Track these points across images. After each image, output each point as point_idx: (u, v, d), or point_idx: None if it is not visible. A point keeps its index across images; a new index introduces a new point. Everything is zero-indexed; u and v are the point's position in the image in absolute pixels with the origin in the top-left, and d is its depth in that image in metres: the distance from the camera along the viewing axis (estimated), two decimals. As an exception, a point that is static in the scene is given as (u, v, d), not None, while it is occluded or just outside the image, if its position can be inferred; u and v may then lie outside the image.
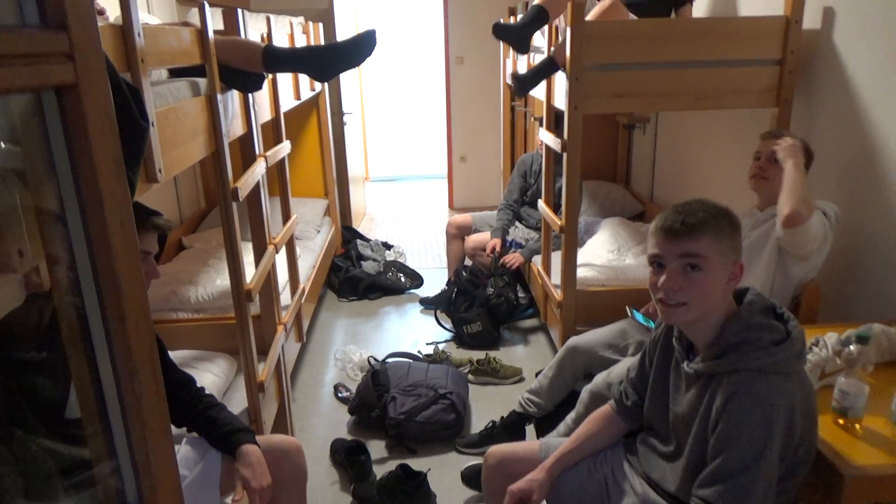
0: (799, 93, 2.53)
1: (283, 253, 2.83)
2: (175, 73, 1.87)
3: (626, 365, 2.17)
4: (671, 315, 1.31)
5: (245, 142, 2.26)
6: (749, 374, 1.22)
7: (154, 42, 1.44)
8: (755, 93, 2.53)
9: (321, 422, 2.83)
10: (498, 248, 3.63)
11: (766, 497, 1.19)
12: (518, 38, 2.63)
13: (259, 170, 2.26)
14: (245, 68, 1.96)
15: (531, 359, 3.31)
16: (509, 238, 3.73)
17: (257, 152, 2.30)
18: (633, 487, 1.49)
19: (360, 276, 4.21)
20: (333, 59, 1.93)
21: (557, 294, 2.86)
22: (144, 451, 0.62)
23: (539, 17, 2.62)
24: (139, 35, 1.30)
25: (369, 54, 1.98)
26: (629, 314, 2.36)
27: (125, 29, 1.27)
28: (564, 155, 2.62)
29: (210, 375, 2.21)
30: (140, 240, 1.47)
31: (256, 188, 2.28)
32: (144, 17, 1.90)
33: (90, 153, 0.53)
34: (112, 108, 0.59)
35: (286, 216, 2.86)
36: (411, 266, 4.45)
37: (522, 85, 2.71)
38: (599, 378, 2.19)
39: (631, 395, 1.56)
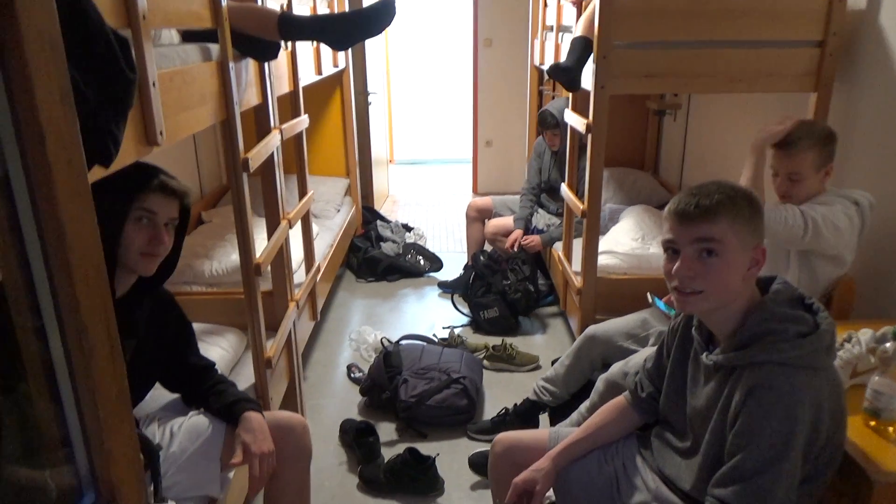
0: (840, 77, 2.40)
1: (298, 230, 2.79)
2: (187, 38, 1.82)
3: (643, 355, 2.08)
4: (686, 304, 1.22)
5: (260, 113, 2.21)
6: (772, 367, 1.13)
7: (159, 0, 1.39)
8: (793, 76, 2.41)
9: (332, 401, 2.79)
10: (519, 242, 3.55)
11: (787, 499, 1.11)
12: (572, 80, 2.56)
13: (273, 142, 2.21)
14: (260, 35, 1.90)
15: (548, 346, 3.23)
16: (537, 226, 3.64)
17: (272, 125, 2.25)
18: (645, 483, 1.41)
19: (379, 257, 4.16)
20: (351, 27, 1.86)
21: (577, 281, 2.77)
22: (96, 419, 0.57)
23: (586, 50, 2.52)
24: (141, -11, 1.24)
25: (389, 23, 1.90)
26: (650, 301, 2.27)
27: (126, -19, 1.21)
28: (589, 137, 2.52)
29: (218, 349, 2.18)
30: (144, 199, 1.42)
31: (270, 161, 2.23)
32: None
33: (28, 80, 0.48)
34: (58, 33, 0.53)
35: (302, 193, 2.81)
36: (431, 249, 4.39)
37: (571, 77, 2.58)
38: (616, 367, 2.12)
39: (646, 386, 1.48)
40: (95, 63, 0.88)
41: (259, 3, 2.05)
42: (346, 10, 4.06)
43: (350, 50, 4.41)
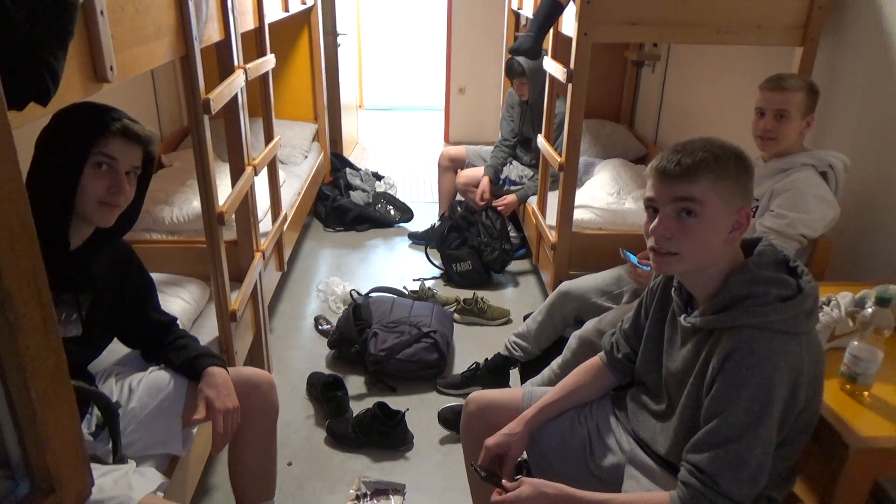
0: (826, 32, 2.34)
1: (264, 177, 2.67)
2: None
3: (618, 313, 2.06)
4: (662, 265, 1.17)
5: (222, 50, 2.06)
6: (751, 331, 1.10)
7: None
8: (781, 29, 2.34)
9: (299, 354, 2.73)
10: (487, 193, 3.48)
11: (763, 465, 1.09)
12: (535, 55, 2.46)
13: (237, 82, 2.07)
14: None
15: (520, 301, 3.20)
16: (502, 175, 3.56)
17: (236, 63, 2.11)
18: (619, 445, 1.39)
19: (347, 206, 4.05)
20: None
21: (552, 236, 2.72)
22: (27, 399, 0.49)
23: (553, 12, 2.40)
24: None
25: None
26: (623, 256, 2.23)
27: None
28: (569, 86, 2.43)
29: (180, 301, 2.09)
30: (104, 143, 1.30)
31: (234, 102, 2.09)
32: None
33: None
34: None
35: (269, 137, 2.67)
36: (402, 199, 4.29)
37: (531, 53, 2.49)
38: (590, 324, 2.09)
39: (623, 346, 1.44)
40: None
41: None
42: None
43: (319, -14, 4.18)
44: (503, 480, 1.27)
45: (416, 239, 3.83)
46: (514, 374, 2.47)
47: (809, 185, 1.89)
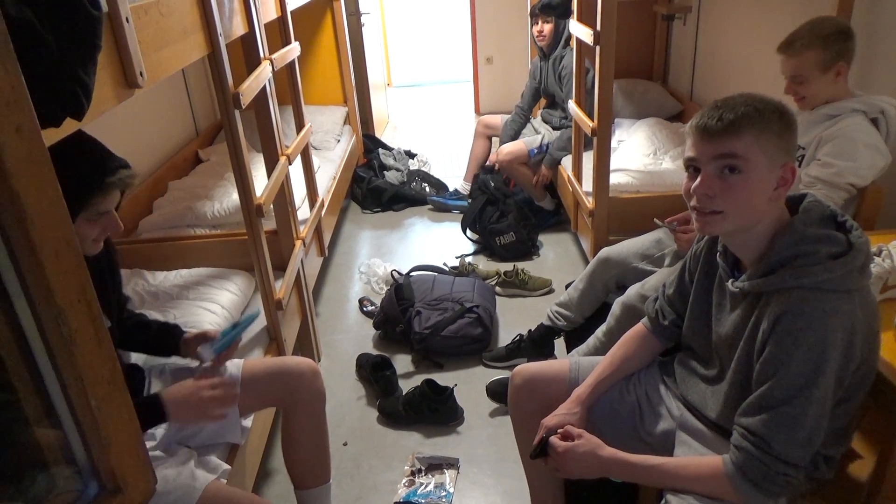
0: (866, -34, 2.22)
1: (298, 164, 2.70)
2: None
3: (660, 277, 2.03)
4: (706, 224, 1.14)
5: (247, 43, 2.08)
6: (803, 292, 1.07)
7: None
8: (816, -33, 2.23)
9: (346, 337, 2.78)
10: (546, 178, 3.47)
11: (819, 426, 1.07)
12: (564, 12, 2.39)
13: (265, 74, 2.09)
14: None
15: (561, 269, 3.19)
16: (544, 142, 3.52)
17: (262, 55, 2.12)
18: (669, 411, 1.38)
19: (383, 186, 4.07)
20: None
21: (589, 202, 2.69)
22: (88, 409, 0.52)
23: None
24: (100, -88, 1.11)
25: None
26: (658, 224, 2.19)
27: None
28: (597, 49, 2.38)
29: (228, 294, 2.15)
30: (98, 202, 1.25)
31: (263, 94, 2.11)
32: None
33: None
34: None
35: (300, 125, 2.70)
36: (436, 175, 4.29)
37: (562, 8, 2.44)
38: (633, 290, 2.07)
39: (668, 313, 1.43)
40: (53, 1, 0.78)
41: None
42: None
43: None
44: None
45: (438, 202, 3.93)
46: (559, 343, 2.47)
47: (859, 133, 1.82)
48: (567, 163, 3.23)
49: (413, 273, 2.92)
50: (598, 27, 2.34)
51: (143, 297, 2.09)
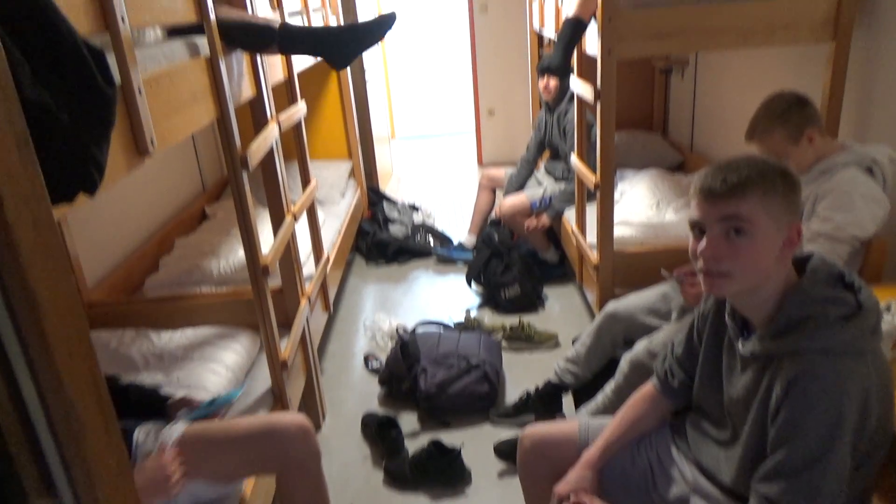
0: (859, 24, 2.28)
1: (304, 221, 2.72)
2: (172, 33, 1.73)
3: (668, 332, 2.02)
4: (714, 286, 1.14)
5: (255, 105, 2.12)
6: (814, 355, 1.06)
7: (137, -1, 1.30)
8: (810, 26, 2.28)
9: (351, 394, 2.75)
10: (544, 225, 3.48)
11: (838, 492, 1.05)
12: (564, 74, 2.48)
13: (272, 135, 2.13)
14: (257, 50, 1.85)
15: (566, 322, 3.17)
16: (546, 195, 3.55)
17: (269, 116, 2.17)
18: (682, 474, 1.35)
19: (387, 239, 4.09)
20: (352, 42, 1.81)
21: (593, 255, 2.69)
22: (93, 500, 0.51)
23: (574, 36, 2.41)
24: (116, -10, 1.15)
25: (388, 31, 1.84)
26: (665, 276, 2.18)
27: (99, -18, 1.12)
28: (598, 105, 2.42)
29: (232, 354, 2.13)
30: None
31: (270, 154, 2.15)
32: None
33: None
34: (7, 75, 0.46)
35: (305, 181, 2.73)
36: (440, 227, 4.31)
37: (561, 73, 2.51)
38: (640, 346, 2.05)
39: (677, 373, 1.41)
40: (68, 81, 0.80)
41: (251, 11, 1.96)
42: (339, 3, 3.99)
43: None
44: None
45: (443, 255, 3.94)
46: (568, 399, 2.44)
47: (855, 185, 1.83)
48: (571, 215, 3.24)
49: (418, 329, 2.91)
50: (599, 84, 2.38)
51: (148, 359, 2.07)
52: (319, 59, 1.96)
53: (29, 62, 0.74)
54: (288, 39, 1.83)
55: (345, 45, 1.83)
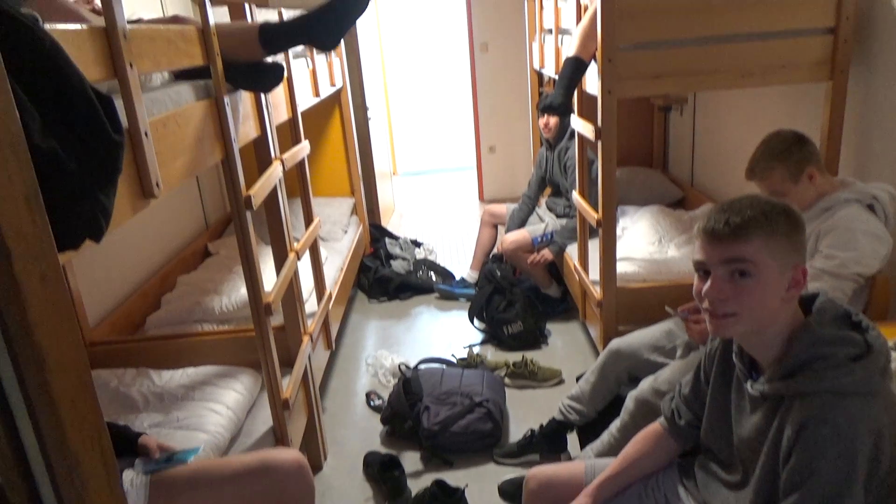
0: (856, 64, 2.31)
1: (307, 259, 2.72)
2: (179, 76, 1.76)
3: (673, 369, 2.00)
4: (719, 327, 1.14)
5: (259, 145, 2.15)
6: (824, 397, 1.04)
7: (145, 43, 1.32)
8: (807, 66, 2.32)
9: (353, 433, 2.71)
10: (541, 256, 3.48)
11: (853, 535, 1.03)
12: (565, 112, 2.51)
13: (275, 174, 2.14)
14: (243, 56, 1.79)
15: (570, 359, 3.14)
16: (548, 231, 3.56)
17: (273, 155, 2.19)
18: (692, 518, 1.33)
19: (389, 275, 4.09)
20: (336, 18, 1.73)
21: (596, 292, 2.69)
22: (95, 557, 0.50)
23: (575, 75, 2.46)
24: (125, 36, 1.17)
25: (368, 2, 1.79)
26: (671, 313, 2.18)
27: (108, 29, 1.14)
28: (599, 143, 2.44)
29: (234, 394, 2.11)
30: None
31: (273, 193, 2.16)
32: (147, 15, 1.78)
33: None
34: (19, 130, 0.46)
35: (308, 220, 2.74)
36: (442, 263, 4.31)
37: (563, 111, 2.54)
38: (646, 384, 2.03)
39: (684, 413, 1.39)
40: (77, 129, 0.81)
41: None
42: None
43: (346, 68, 4.35)
44: None
45: (444, 291, 3.93)
46: (572, 437, 2.40)
47: (857, 222, 1.83)
48: (573, 251, 3.25)
49: (421, 366, 2.89)
50: (600, 123, 2.41)
51: (149, 399, 2.05)
52: (309, 46, 1.87)
53: (39, 111, 0.75)
54: (270, 36, 1.75)
55: (330, 24, 1.74)
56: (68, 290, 0.59)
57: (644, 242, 3.06)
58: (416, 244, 4.65)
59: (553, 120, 3.49)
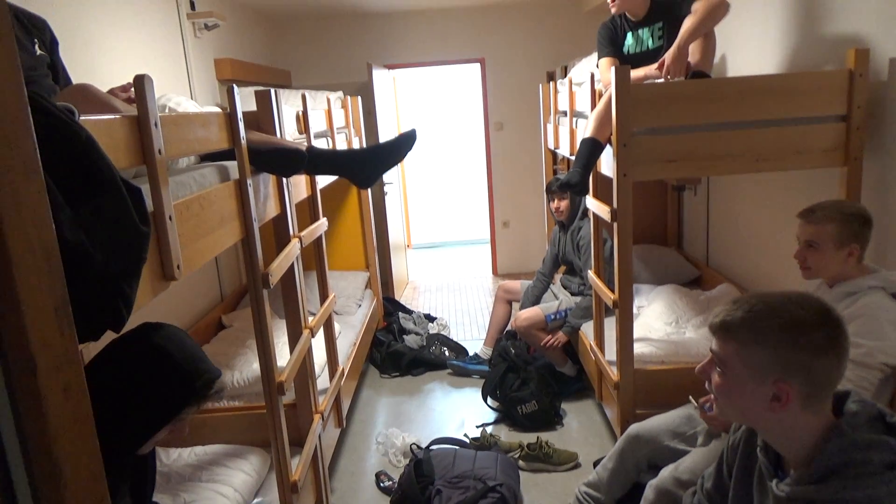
0: (870, 149, 2.33)
1: (320, 334, 2.71)
2: (205, 157, 1.81)
3: (695, 458, 1.94)
4: (711, 410, 1.16)
5: (279, 223, 2.18)
6: None
7: (176, 131, 1.36)
8: (821, 152, 2.34)
9: (362, 516, 2.63)
10: (555, 339, 3.46)
11: None
12: (582, 190, 2.57)
13: (293, 252, 2.17)
14: (284, 172, 1.95)
15: (586, 441, 3.06)
16: (561, 309, 3.53)
17: (291, 233, 2.21)
18: None
19: (402, 350, 4.05)
20: (376, 162, 1.93)
21: (613, 373, 2.64)
22: None
23: (593, 155, 2.52)
24: (156, 125, 1.21)
25: (410, 150, 1.97)
26: (692, 403, 2.13)
27: (140, 119, 1.19)
28: (615, 225, 2.45)
29: (242, 474, 2.07)
30: (189, 410, 1.27)
31: (290, 270, 2.18)
32: (183, 101, 1.85)
33: (15, 299, 0.41)
34: (53, 239, 0.47)
35: (324, 295, 2.75)
36: (455, 337, 4.27)
37: (580, 189, 2.57)
38: (666, 472, 1.96)
39: (709, 509, 1.34)
40: (105, 220, 0.82)
41: (276, 117, 2.05)
42: (361, 116, 4.20)
43: (365, 144, 4.46)
44: None
45: (458, 367, 3.88)
46: (590, 528, 2.30)
47: (882, 310, 1.81)
48: (588, 330, 3.21)
49: (433, 447, 2.82)
50: (615, 204, 2.42)
51: (156, 480, 2.00)
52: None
53: (69, 203, 0.77)
54: (315, 162, 1.91)
55: (369, 165, 1.92)
56: (90, 407, 0.57)
57: (661, 323, 3.02)
58: (430, 319, 4.62)
59: (564, 203, 3.53)
